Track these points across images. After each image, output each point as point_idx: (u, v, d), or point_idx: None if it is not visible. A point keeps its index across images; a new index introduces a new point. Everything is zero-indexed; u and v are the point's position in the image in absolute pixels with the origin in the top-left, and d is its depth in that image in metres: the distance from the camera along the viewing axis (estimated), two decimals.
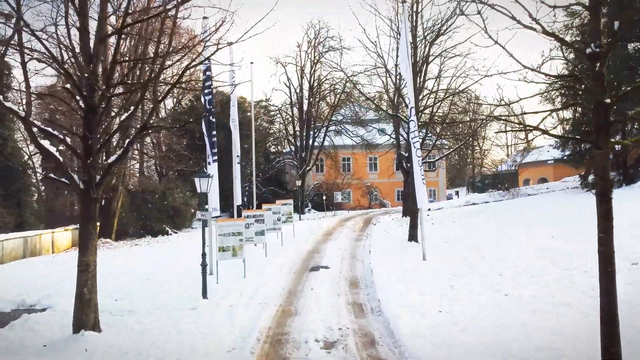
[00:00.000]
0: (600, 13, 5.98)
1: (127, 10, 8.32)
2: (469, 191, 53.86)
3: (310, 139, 42.89)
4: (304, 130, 43.00)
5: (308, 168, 42.78)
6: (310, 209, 42.84)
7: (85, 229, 8.08)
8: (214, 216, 14.43)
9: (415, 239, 17.21)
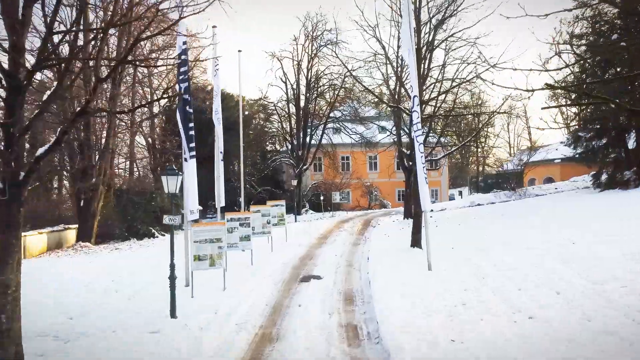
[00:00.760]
0: None
1: None
2: (472, 191, 52.11)
3: (308, 137, 41.19)
4: (301, 128, 41.30)
5: (305, 167, 41.09)
6: (307, 210, 41.12)
7: (4, 240, 6.35)
8: (191, 219, 12.72)
9: (418, 244, 15.44)
